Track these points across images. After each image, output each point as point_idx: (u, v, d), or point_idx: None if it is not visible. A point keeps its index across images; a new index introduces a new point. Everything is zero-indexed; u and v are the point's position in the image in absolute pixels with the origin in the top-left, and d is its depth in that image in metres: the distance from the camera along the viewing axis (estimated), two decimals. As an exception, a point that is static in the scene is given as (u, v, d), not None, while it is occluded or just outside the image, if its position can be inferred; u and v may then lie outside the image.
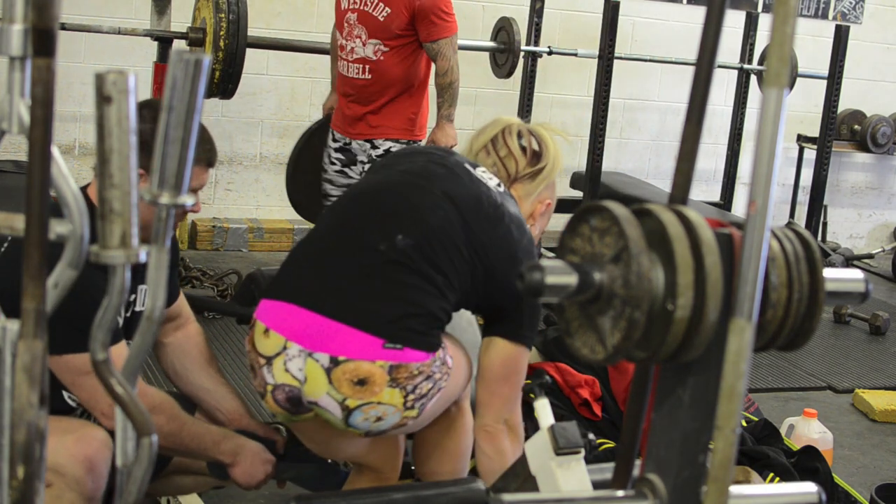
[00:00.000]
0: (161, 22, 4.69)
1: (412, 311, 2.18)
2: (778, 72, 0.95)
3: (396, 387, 2.14)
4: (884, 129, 6.96)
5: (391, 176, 2.39)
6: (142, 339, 1.07)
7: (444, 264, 2.23)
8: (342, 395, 2.13)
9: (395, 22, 3.96)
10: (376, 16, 3.98)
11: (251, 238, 5.83)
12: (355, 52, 4.06)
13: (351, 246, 2.27)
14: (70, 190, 0.99)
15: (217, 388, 2.61)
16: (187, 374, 2.61)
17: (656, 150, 6.87)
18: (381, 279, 2.21)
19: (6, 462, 0.95)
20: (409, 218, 2.26)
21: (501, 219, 2.31)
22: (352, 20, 4.05)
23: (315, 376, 2.14)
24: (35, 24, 0.90)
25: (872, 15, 7.28)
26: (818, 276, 1.03)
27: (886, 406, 4.23)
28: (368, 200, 2.35)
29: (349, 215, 2.35)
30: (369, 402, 2.13)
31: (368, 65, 4.04)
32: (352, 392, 2.13)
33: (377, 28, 4.00)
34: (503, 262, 2.28)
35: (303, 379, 2.17)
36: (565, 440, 1.96)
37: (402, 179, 2.36)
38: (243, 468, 2.43)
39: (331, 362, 2.13)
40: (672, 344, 0.97)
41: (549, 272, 0.98)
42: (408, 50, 4.03)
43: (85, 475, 2.17)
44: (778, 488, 1.63)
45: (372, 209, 2.32)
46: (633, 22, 6.54)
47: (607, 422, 3.34)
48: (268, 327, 2.21)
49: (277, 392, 2.20)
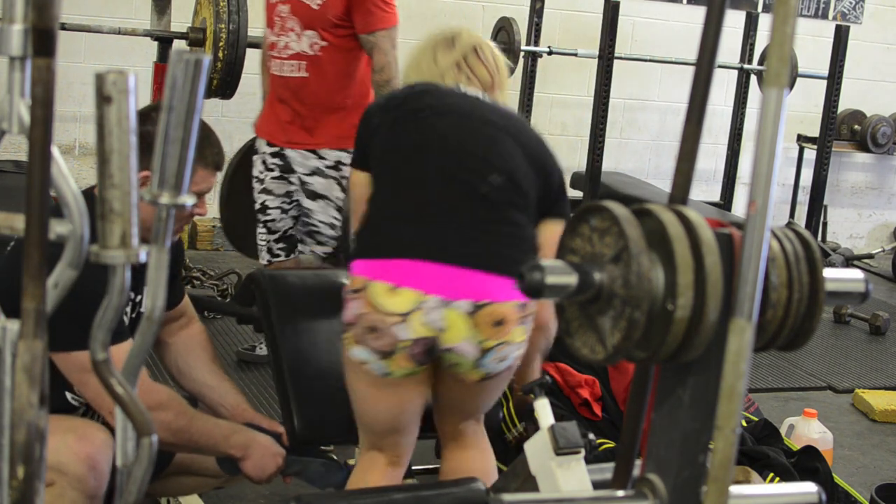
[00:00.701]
0: (161, 22, 4.69)
1: (527, 248, 2.32)
2: (778, 72, 0.95)
3: (521, 324, 2.28)
4: (884, 129, 6.96)
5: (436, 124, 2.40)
6: (142, 338, 1.07)
7: (529, 189, 2.36)
8: (481, 337, 2.23)
9: (330, 10, 3.52)
10: (309, 4, 3.54)
11: (251, 238, 5.82)
12: (290, 48, 3.60)
13: (452, 195, 2.32)
14: (70, 190, 0.99)
15: (220, 383, 2.61)
16: (190, 372, 2.61)
17: (656, 150, 6.88)
18: (494, 222, 2.30)
19: (6, 462, 0.95)
20: (487, 157, 2.35)
21: (521, 119, 2.49)
22: (284, 13, 3.60)
23: (456, 323, 2.21)
24: (35, 24, 0.90)
25: (872, 15, 7.28)
26: (818, 276, 1.03)
27: (886, 406, 4.23)
28: (439, 150, 2.37)
29: (428, 167, 2.36)
30: (502, 341, 2.24)
31: (305, 61, 3.58)
32: (490, 333, 2.23)
33: (312, 18, 3.55)
34: (548, 158, 2.45)
35: (442, 328, 2.22)
36: (565, 440, 1.96)
37: (451, 122, 2.40)
38: (254, 461, 2.43)
39: (473, 307, 2.22)
40: (672, 344, 0.97)
41: (549, 272, 0.98)
42: (348, 44, 3.57)
43: (87, 473, 2.17)
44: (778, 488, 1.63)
45: (449, 158, 2.36)
46: (633, 22, 6.54)
47: (607, 422, 3.33)
48: (396, 285, 2.22)
49: (415, 346, 2.24)
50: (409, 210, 2.34)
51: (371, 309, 2.23)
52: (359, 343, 2.27)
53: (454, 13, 6.04)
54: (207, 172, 2.33)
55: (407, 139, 2.42)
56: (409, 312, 2.21)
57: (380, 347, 2.25)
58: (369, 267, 2.27)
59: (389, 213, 2.35)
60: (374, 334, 2.24)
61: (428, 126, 2.41)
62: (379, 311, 2.23)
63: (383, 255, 2.27)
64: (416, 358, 2.26)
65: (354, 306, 2.27)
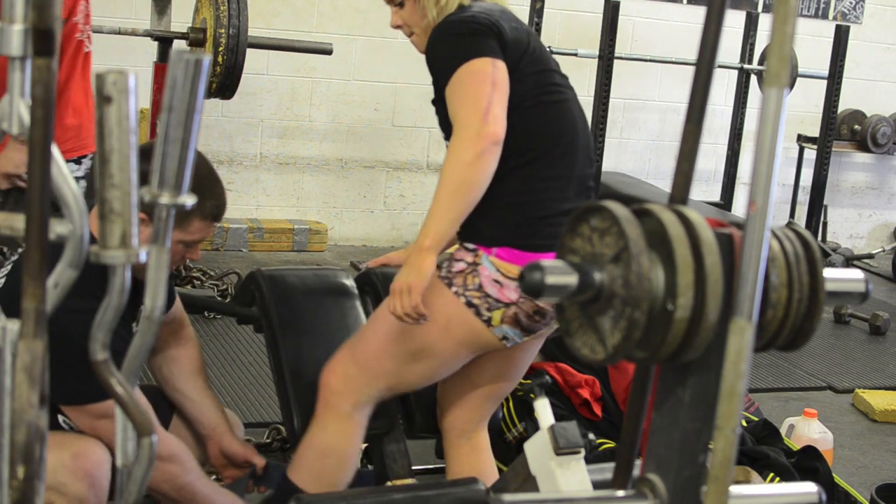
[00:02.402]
0: (161, 22, 4.69)
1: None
2: (778, 72, 0.95)
3: None
4: (884, 129, 6.96)
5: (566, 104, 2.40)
6: (142, 338, 1.07)
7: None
8: None
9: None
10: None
11: (251, 238, 5.83)
12: None
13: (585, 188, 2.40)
14: (70, 190, 0.99)
15: (202, 399, 2.58)
16: (174, 381, 2.58)
17: (656, 150, 6.87)
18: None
19: (6, 462, 0.95)
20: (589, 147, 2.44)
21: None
22: None
23: None
24: (35, 24, 0.90)
25: (872, 15, 7.28)
26: (818, 276, 1.03)
27: (886, 406, 4.23)
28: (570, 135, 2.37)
29: (572, 155, 2.37)
30: None
31: None
32: None
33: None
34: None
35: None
36: (565, 440, 1.96)
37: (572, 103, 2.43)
38: None
39: None
40: (672, 344, 0.97)
41: (549, 272, 0.98)
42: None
43: (87, 491, 2.13)
44: (778, 488, 1.63)
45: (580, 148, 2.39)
46: (633, 22, 6.54)
47: (607, 422, 3.34)
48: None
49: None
50: (559, 199, 2.33)
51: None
52: (512, 324, 2.32)
53: (454, 13, 6.04)
54: (204, 224, 2.26)
55: (553, 118, 2.37)
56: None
57: (537, 328, 2.36)
58: (534, 259, 2.28)
59: (546, 200, 2.32)
60: (538, 317, 2.33)
61: (563, 105, 2.39)
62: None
63: (548, 250, 2.29)
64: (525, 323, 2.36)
65: (517, 291, 2.27)
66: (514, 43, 2.29)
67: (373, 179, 6.25)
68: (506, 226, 2.29)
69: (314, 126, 6.10)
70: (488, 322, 2.31)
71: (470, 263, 2.31)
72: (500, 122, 2.19)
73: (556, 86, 2.37)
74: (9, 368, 0.99)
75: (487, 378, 2.56)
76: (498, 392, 2.60)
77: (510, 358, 2.52)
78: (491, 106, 2.18)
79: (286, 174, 6.09)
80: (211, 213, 2.26)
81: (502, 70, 2.24)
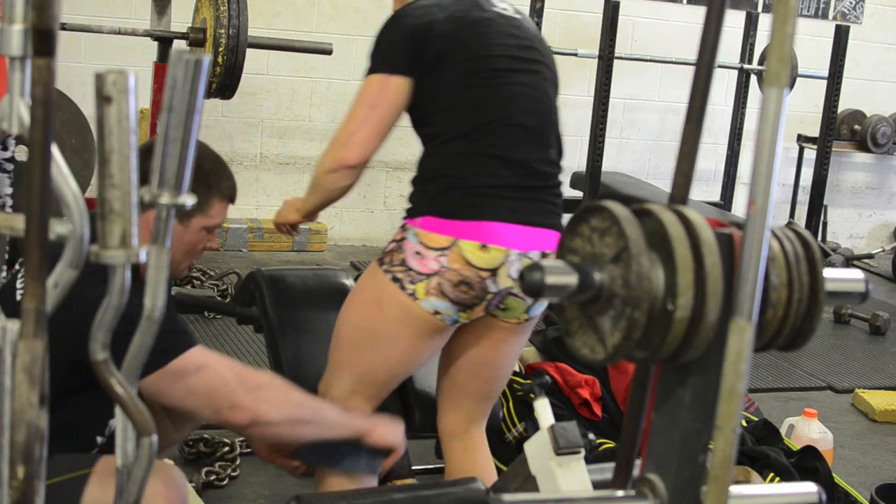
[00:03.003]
0: (161, 22, 4.68)
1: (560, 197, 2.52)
2: (778, 72, 0.95)
3: None
4: (884, 129, 6.96)
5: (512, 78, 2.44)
6: (141, 339, 1.07)
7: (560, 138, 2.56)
8: None
9: None
10: None
11: (251, 238, 5.83)
12: None
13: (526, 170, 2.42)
14: (70, 190, 0.99)
15: None
16: None
17: (656, 150, 6.87)
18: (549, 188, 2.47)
19: (6, 462, 0.95)
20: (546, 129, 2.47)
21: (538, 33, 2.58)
22: None
23: None
24: (35, 24, 0.90)
25: (872, 15, 7.28)
26: (818, 276, 1.03)
27: (886, 406, 4.23)
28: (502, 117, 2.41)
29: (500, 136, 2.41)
30: None
31: None
32: None
33: None
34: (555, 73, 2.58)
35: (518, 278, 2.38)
36: (565, 440, 1.96)
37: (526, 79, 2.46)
38: (382, 430, 2.36)
39: (541, 256, 2.41)
40: (672, 344, 0.97)
41: (549, 272, 0.98)
42: None
43: None
44: (778, 488, 1.63)
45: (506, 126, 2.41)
46: (633, 22, 6.54)
47: (607, 422, 3.34)
48: (485, 243, 2.34)
49: (496, 297, 2.39)
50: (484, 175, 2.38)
51: (463, 265, 2.33)
52: (438, 295, 2.34)
53: (454, 13, 6.05)
54: (223, 205, 2.28)
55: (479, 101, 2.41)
56: (497, 268, 2.35)
57: (466, 300, 2.36)
58: (455, 227, 2.34)
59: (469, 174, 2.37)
60: (465, 287, 2.34)
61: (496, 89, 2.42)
62: (473, 266, 2.33)
63: (469, 218, 2.34)
64: (489, 307, 2.42)
65: (437, 261, 2.33)
66: (445, 36, 2.38)
67: (372, 179, 6.25)
68: (428, 197, 2.38)
69: (314, 126, 6.10)
70: (413, 295, 2.35)
71: (398, 241, 2.40)
72: (359, 147, 2.37)
73: (493, 71, 2.41)
74: (9, 368, 0.99)
75: (466, 378, 2.56)
76: (480, 393, 2.58)
77: (483, 357, 2.53)
78: (357, 131, 2.37)
79: (286, 174, 6.09)
80: (228, 194, 2.30)
81: (391, 88, 2.39)
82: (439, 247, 2.33)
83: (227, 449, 3.21)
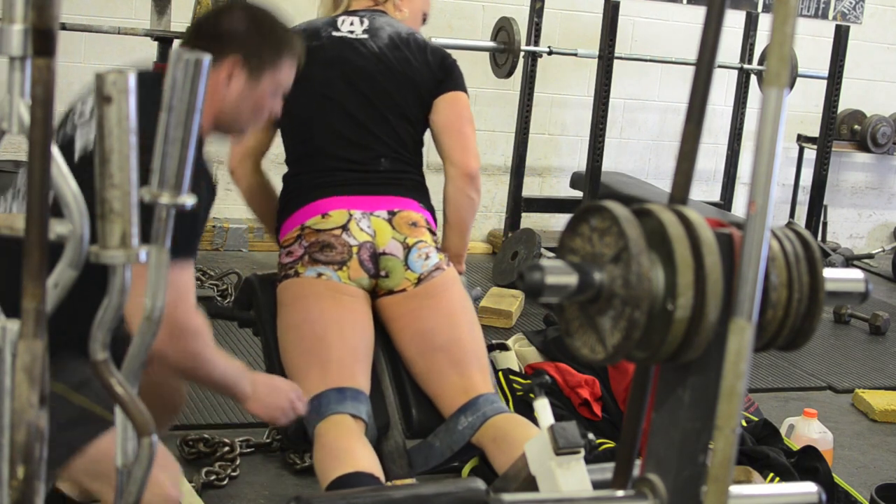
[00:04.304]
0: (161, 22, 4.69)
1: (420, 182, 2.81)
2: (778, 72, 0.95)
3: (430, 233, 2.74)
4: (884, 129, 6.95)
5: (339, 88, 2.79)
6: (141, 339, 1.07)
7: (412, 125, 2.81)
8: (403, 235, 2.66)
9: None
10: None
11: (251, 238, 5.83)
12: None
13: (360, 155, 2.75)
14: (70, 190, 0.99)
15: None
16: None
17: (656, 150, 6.87)
18: (383, 173, 2.75)
19: (6, 462, 0.95)
20: (374, 138, 2.76)
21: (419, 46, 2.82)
22: None
23: (381, 227, 2.66)
24: (35, 24, 0.90)
25: (872, 15, 7.28)
26: (818, 276, 1.03)
27: (886, 406, 4.22)
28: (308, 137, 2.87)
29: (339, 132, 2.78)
30: (420, 239, 2.67)
31: None
32: (409, 231, 2.67)
33: None
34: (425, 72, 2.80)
35: (373, 233, 2.65)
36: (565, 440, 1.96)
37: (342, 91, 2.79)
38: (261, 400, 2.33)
39: (389, 214, 2.68)
40: (672, 344, 0.98)
41: (549, 272, 0.98)
42: None
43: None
44: (778, 488, 1.63)
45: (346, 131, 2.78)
46: (633, 22, 6.53)
47: (607, 422, 3.34)
48: (325, 212, 2.66)
49: (363, 251, 2.63)
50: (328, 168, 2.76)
51: (316, 235, 2.63)
52: (312, 263, 2.61)
53: (454, 13, 6.04)
54: (292, 67, 2.26)
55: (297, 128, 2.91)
56: (346, 223, 2.63)
57: (335, 258, 2.61)
58: (296, 217, 2.69)
59: (300, 186, 2.77)
60: (328, 249, 2.61)
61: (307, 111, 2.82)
62: (324, 231, 2.62)
63: (305, 203, 2.68)
64: (364, 265, 2.62)
65: (296, 247, 2.65)
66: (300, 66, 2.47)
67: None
68: (280, 213, 2.80)
69: (314, 126, 6.09)
70: (297, 273, 2.63)
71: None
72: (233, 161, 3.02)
73: (313, 95, 2.81)
74: (9, 368, 0.99)
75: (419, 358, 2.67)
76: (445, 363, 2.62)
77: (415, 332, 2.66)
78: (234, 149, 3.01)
79: (286, 174, 6.08)
80: (299, 54, 2.28)
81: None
82: (294, 237, 2.66)
83: (227, 449, 3.20)
